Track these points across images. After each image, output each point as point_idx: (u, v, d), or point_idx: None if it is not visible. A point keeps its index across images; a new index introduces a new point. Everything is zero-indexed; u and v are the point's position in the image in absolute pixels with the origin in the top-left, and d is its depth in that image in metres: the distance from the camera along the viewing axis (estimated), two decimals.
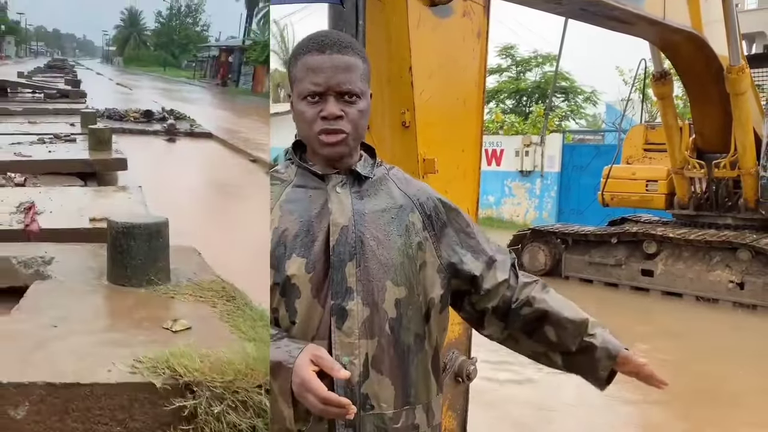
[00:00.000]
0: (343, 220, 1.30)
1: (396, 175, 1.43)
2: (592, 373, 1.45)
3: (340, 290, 1.28)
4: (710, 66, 6.98)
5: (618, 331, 1.53)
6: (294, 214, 1.33)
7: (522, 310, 1.43)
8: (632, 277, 8.90)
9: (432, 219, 1.39)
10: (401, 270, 1.31)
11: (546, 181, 16.06)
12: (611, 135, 16.67)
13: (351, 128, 1.29)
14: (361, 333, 1.27)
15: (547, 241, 9.86)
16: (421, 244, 1.35)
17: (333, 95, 1.28)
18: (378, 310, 1.29)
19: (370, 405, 1.27)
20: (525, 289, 1.45)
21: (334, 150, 1.30)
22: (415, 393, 1.33)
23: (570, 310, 1.45)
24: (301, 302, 1.28)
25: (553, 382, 5.24)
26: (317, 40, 1.31)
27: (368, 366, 1.27)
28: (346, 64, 1.29)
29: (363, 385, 1.27)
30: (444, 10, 2.46)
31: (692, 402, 4.95)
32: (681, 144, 8.53)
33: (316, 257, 1.29)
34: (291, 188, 1.37)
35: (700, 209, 8.98)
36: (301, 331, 1.28)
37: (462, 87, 2.64)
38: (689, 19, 5.75)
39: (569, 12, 4.24)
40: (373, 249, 1.30)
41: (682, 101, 13.50)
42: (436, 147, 2.46)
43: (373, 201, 1.34)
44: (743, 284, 7.94)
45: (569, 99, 23.07)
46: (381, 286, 1.29)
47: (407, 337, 1.32)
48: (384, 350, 1.29)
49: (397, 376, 1.30)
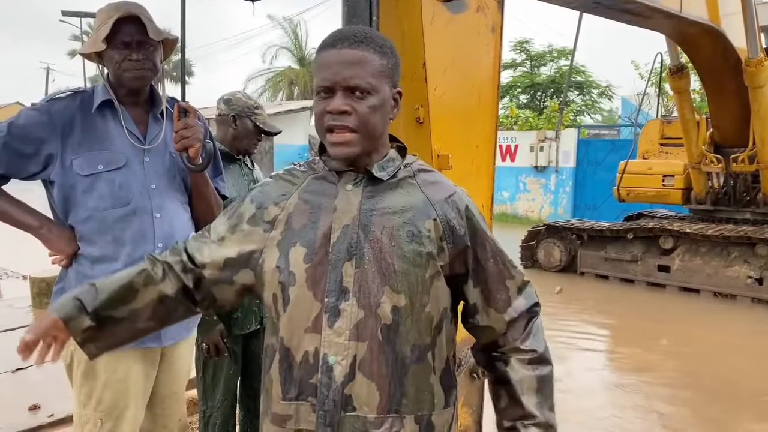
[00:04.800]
0: (347, 218, 1.30)
1: (425, 178, 1.37)
2: None
3: (335, 289, 1.27)
4: (728, 59, 6.89)
5: (634, 327, 1.52)
6: (307, 204, 1.34)
7: (496, 363, 1.40)
8: (648, 273, 8.84)
9: (455, 231, 1.32)
10: (403, 277, 1.27)
11: (561, 176, 15.98)
12: (627, 130, 16.58)
13: (359, 124, 1.26)
14: (351, 334, 1.26)
15: (562, 237, 9.81)
16: (433, 254, 1.29)
17: (341, 90, 1.26)
18: (372, 314, 1.26)
19: (351, 407, 1.26)
20: (514, 353, 1.38)
21: (341, 150, 1.28)
22: (408, 403, 1.29)
23: (532, 399, 1.35)
24: (295, 290, 1.29)
25: (571, 377, 5.23)
26: (333, 35, 1.31)
27: (355, 368, 1.26)
28: (356, 58, 1.26)
29: (347, 386, 1.26)
30: (458, 6, 2.45)
31: (710, 400, 4.91)
32: (698, 138, 8.45)
33: (315, 250, 1.29)
34: (313, 179, 1.38)
35: (717, 204, 8.90)
36: (293, 321, 1.29)
37: (476, 82, 2.63)
38: (706, 11, 5.67)
39: (583, 6, 4.21)
40: (375, 252, 1.27)
41: (699, 95, 13.36)
42: (450, 143, 2.45)
43: (386, 202, 1.31)
44: (762, 280, 7.86)
45: (584, 94, 22.92)
46: (378, 291, 1.26)
47: (403, 346, 1.28)
48: (374, 355, 1.26)
49: (386, 383, 1.27)
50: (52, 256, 2.09)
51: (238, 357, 2.76)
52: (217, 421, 2.71)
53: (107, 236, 2.01)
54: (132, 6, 2.02)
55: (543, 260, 9.91)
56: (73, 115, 2.03)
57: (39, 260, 2.67)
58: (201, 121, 2.15)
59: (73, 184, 2.00)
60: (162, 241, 2.06)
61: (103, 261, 2.01)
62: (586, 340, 6.51)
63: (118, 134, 2.06)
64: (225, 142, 2.78)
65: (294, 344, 1.30)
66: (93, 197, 2.00)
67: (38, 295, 6.14)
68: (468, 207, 1.36)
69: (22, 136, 1.98)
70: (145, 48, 2.03)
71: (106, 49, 2.01)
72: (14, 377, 4.23)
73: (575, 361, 5.84)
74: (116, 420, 2.04)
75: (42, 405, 3.72)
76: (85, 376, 2.04)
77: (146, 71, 2.05)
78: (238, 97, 2.82)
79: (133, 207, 2.03)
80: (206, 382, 2.72)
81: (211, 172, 2.27)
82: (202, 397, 2.75)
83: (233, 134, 2.79)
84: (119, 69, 2.03)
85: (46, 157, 2.00)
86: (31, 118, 2.00)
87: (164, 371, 2.20)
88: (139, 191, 2.04)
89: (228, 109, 2.79)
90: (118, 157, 2.03)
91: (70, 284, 2.05)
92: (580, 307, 7.98)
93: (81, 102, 2.06)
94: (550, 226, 10.10)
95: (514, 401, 1.36)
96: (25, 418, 3.59)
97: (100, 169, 2.00)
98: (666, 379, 5.36)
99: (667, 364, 5.77)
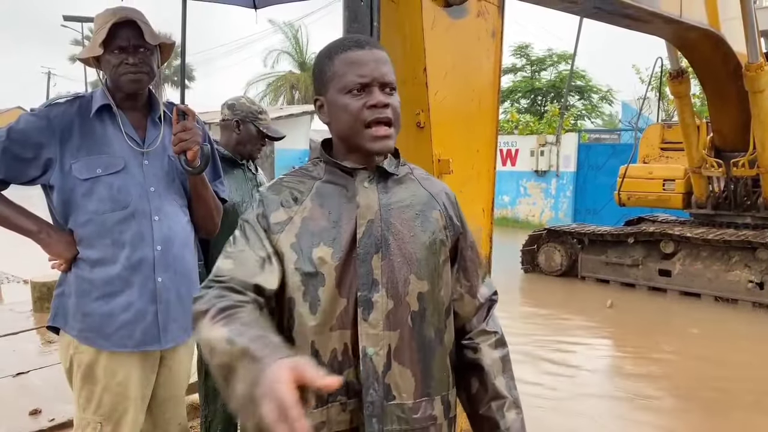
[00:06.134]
0: (370, 214, 1.34)
1: (419, 174, 1.48)
2: None
3: (366, 282, 1.30)
4: (728, 64, 6.90)
5: (635, 331, 1.53)
6: (324, 207, 1.36)
7: (465, 351, 1.47)
8: (649, 278, 8.83)
9: (453, 220, 1.44)
10: (425, 264, 1.35)
11: (562, 180, 15.98)
12: (627, 134, 16.57)
13: (394, 118, 1.35)
14: (385, 325, 1.31)
15: (563, 242, 9.81)
16: (444, 241, 1.40)
17: (377, 86, 1.32)
18: (401, 302, 1.32)
19: (392, 395, 1.31)
20: (481, 336, 1.47)
21: (384, 144, 1.34)
22: (435, 385, 1.37)
23: (501, 381, 1.44)
24: (325, 291, 1.30)
25: (573, 380, 5.22)
26: (353, 39, 1.38)
27: (391, 357, 1.31)
28: (384, 58, 1.36)
29: (386, 376, 1.31)
30: (458, 11, 2.46)
31: (711, 405, 4.90)
32: (698, 143, 8.45)
33: (342, 248, 1.31)
34: (321, 183, 1.40)
35: (718, 208, 8.90)
36: (321, 320, 1.30)
37: (477, 87, 2.64)
38: (706, 16, 5.68)
39: (584, 11, 4.21)
40: (398, 243, 1.34)
41: (700, 99, 13.38)
42: (450, 147, 2.46)
43: (398, 196, 1.39)
44: (763, 284, 7.86)
45: (585, 98, 22.93)
46: (405, 280, 1.33)
47: (428, 330, 1.35)
48: (405, 342, 1.32)
49: (418, 368, 1.34)
50: (52, 260, 2.09)
51: None
52: (219, 425, 2.71)
53: (106, 239, 2.02)
54: (129, 11, 2.04)
55: (544, 264, 9.91)
56: (71, 120, 2.03)
57: (39, 264, 2.67)
58: (199, 124, 2.16)
59: (73, 188, 2.01)
60: (160, 243, 2.06)
61: (101, 264, 2.02)
62: (586, 346, 6.51)
63: (116, 138, 2.06)
64: (229, 147, 2.79)
65: (322, 346, 1.31)
66: (92, 201, 2.01)
67: (39, 299, 6.14)
68: (456, 198, 1.49)
69: (21, 140, 1.99)
70: (142, 52, 2.04)
71: (104, 53, 2.02)
72: (15, 381, 4.23)
73: (574, 365, 5.84)
74: (116, 423, 2.04)
75: (43, 409, 3.72)
76: (85, 380, 2.04)
77: (143, 75, 2.06)
78: (241, 103, 2.83)
79: (131, 210, 2.03)
80: (208, 387, 2.72)
81: (211, 175, 2.28)
82: (203, 402, 2.75)
83: (237, 139, 2.79)
84: (116, 73, 2.04)
85: (46, 161, 2.01)
86: (31, 123, 2.01)
87: (164, 374, 2.20)
88: (137, 194, 2.05)
89: (231, 114, 2.80)
90: (116, 160, 2.04)
91: (70, 288, 2.05)
92: (581, 314, 7.98)
93: (79, 107, 2.07)
94: (550, 231, 10.10)
95: (484, 386, 1.44)
96: (26, 422, 3.58)
97: (99, 173, 2.01)
98: (666, 385, 5.35)
99: (667, 369, 5.76)
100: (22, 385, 4.18)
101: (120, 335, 2.03)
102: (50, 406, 3.73)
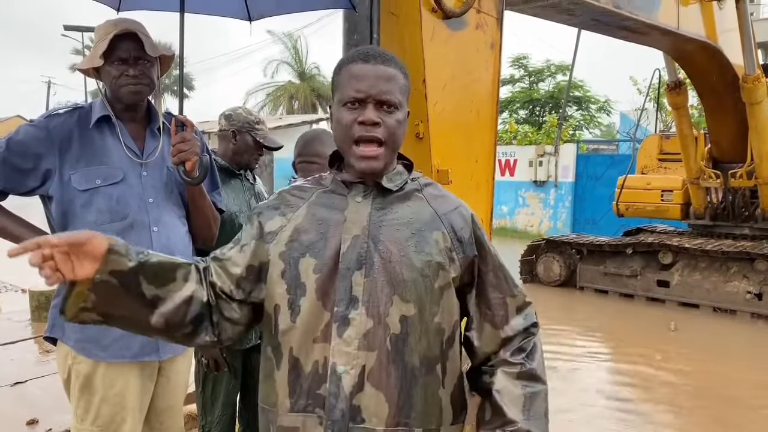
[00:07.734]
0: (356, 229, 1.31)
1: (430, 192, 1.41)
2: None
3: (344, 298, 1.28)
4: (725, 75, 6.94)
5: (634, 342, 1.52)
6: (315, 216, 1.36)
7: (483, 376, 1.39)
8: (648, 288, 8.83)
9: (462, 243, 1.35)
10: (412, 286, 1.28)
11: (560, 191, 16.01)
12: (626, 145, 16.63)
13: (387, 136, 1.31)
14: (361, 344, 1.26)
15: (561, 252, 9.81)
16: (443, 265, 1.32)
17: (372, 103, 1.30)
18: (381, 323, 1.27)
19: (360, 418, 1.26)
20: (502, 364, 1.37)
21: (368, 164, 1.31)
22: (416, 416, 1.28)
23: (511, 409, 1.32)
24: (306, 301, 1.29)
25: (576, 387, 5.21)
26: (363, 51, 1.36)
27: (364, 378, 1.26)
28: (389, 74, 1.32)
29: (356, 397, 1.25)
30: (457, 23, 2.48)
31: (713, 417, 4.88)
32: (696, 154, 8.48)
33: (326, 261, 1.30)
34: (322, 192, 1.40)
35: (716, 219, 8.92)
36: (303, 330, 1.29)
37: (475, 98, 2.65)
38: (703, 28, 5.72)
39: (582, 23, 4.25)
40: (384, 262, 1.29)
41: (698, 111, 13.43)
42: (449, 158, 2.47)
43: (396, 214, 1.34)
44: (761, 295, 7.86)
45: (583, 109, 23.01)
46: (387, 300, 1.27)
47: (411, 356, 1.28)
48: (383, 365, 1.26)
49: (395, 395, 1.27)
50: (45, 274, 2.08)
51: (238, 372, 2.75)
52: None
53: None
54: (129, 23, 2.05)
55: (542, 275, 9.90)
56: (71, 131, 2.04)
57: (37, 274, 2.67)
58: (198, 135, 2.17)
59: (72, 198, 2.01)
60: None
61: None
62: (584, 356, 6.49)
63: (115, 149, 2.07)
64: (226, 157, 2.79)
65: (303, 355, 1.30)
66: (91, 212, 2.01)
67: (37, 308, 6.12)
68: (473, 217, 1.40)
69: (20, 151, 2.00)
70: (142, 64, 2.05)
71: (104, 65, 2.03)
72: (13, 391, 4.21)
73: (572, 376, 5.82)
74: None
75: (40, 419, 3.70)
76: (83, 390, 2.03)
77: (143, 86, 2.07)
78: (238, 113, 2.84)
79: (130, 221, 2.03)
80: (206, 397, 2.71)
81: (208, 186, 2.28)
82: (201, 412, 2.74)
83: (233, 149, 2.80)
84: (116, 84, 2.05)
85: (45, 172, 2.01)
86: (30, 134, 2.02)
87: (162, 385, 2.19)
88: (136, 205, 2.05)
89: (228, 125, 2.80)
90: (115, 171, 2.04)
91: None
92: (581, 323, 7.96)
93: (79, 118, 2.07)
94: (549, 241, 10.10)
95: (495, 411, 1.33)
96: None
97: (98, 184, 2.01)
98: (664, 396, 5.34)
99: (666, 379, 5.74)
100: (20, 394, 4.16)
101: (118, 346, 2.02)
102: (48, 416, 3.71)
